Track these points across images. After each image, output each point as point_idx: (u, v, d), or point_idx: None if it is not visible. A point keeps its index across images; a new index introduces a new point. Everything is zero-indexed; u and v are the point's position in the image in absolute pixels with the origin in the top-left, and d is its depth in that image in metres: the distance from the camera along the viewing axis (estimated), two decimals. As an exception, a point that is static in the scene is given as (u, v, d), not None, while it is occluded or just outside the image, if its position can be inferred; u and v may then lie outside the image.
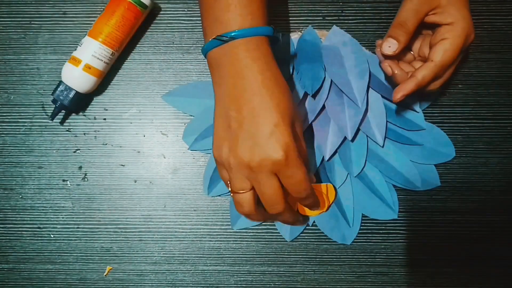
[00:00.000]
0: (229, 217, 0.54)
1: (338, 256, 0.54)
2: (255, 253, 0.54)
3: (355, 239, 0.54)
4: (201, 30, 0.55)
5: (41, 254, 0.54)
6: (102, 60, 0.51)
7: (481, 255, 0.54)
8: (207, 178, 0.54)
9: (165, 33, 0.56)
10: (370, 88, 0.52)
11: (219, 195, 0.54)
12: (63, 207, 0.54)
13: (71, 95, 0.51)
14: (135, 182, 0.54)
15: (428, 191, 0.54)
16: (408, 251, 0.54)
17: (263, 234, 0.54)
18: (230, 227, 0.54)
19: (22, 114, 0.55)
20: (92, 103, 0.55)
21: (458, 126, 0.54)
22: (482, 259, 0.54)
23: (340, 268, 0.54)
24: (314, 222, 0.53)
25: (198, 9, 0.56)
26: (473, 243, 0.54)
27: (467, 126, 0.54)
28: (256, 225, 0.54)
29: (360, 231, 0.54)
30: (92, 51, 0.51)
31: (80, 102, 0.53)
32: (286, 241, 0.54)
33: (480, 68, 0.55)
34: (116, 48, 0.52)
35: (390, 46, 0.47)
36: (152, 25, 0.56)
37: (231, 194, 0.43)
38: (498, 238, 0.54)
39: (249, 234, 0.54)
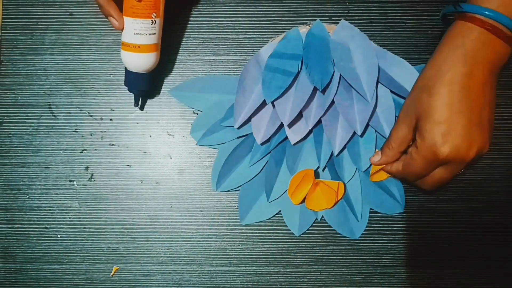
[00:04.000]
0: (235, 217, 0.54)
1: (344, 257, 0.54)
2: (261, 253, 0.54)
3: (361, 239, 0.54)
4: (207, 30, 0.55)
5: (48, 254, 0.54)
6: (146, 34, 0.48)
7: (488, 256, 0.54)
8: (215, 173, 0.54)
9: (171, 33, 0.56)
10: (379, 83, 0.52)
11: (228, 191, 0.54)
12: (69, 207, 0.54)
13: (140, 78, 0.50)
14: (142, 182, 0.55)
15: (434, 192, 0.54)
16: (415, 252, 0.54)
17: (270, 234, 0.54)
18: (236, 227, 0.54)
19: (29, 114, 0.55)
20: (98, 104, 0.55)
21: (465, 127, 0.54)
22: (489, 260, 0.54)
23: (347, 269, 0.54)
24: (322, 216, 0.53)
25: (205, 10, 0.56)
26: (480, 244, 0.54)
27: (474, 126, 0.54)
28: (265, 220, 0.54)
29: (366, 232, 0.54)
30: (132, 30, 0.48)
31: (153, 79, 0.52)
32: (293, 242, 0.54)
33: (487, 68, 0.54)
34: (153, 14, 0.48)
35: (377, 159, 0.50)
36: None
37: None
38: (505, 239, 0.54)
39: (256, 234, 0.54)
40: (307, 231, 0.54)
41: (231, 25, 0.56)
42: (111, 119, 0.55)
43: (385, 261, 0.54)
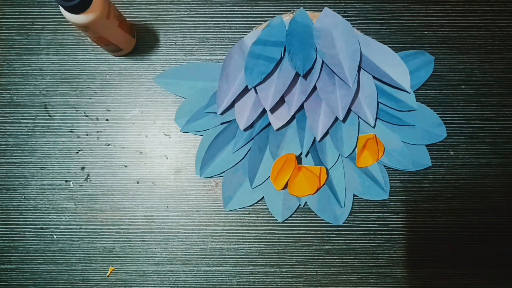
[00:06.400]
0: (232, 217, 0.54)
1: (340, 257, 0.54)
2: (257, 254, 0.54)
3: (357, 240, 0.54)
4: (203, 31, 0.55)
5: (44, 255, 0.54)
6: None
7: (484, 256, 0.54)
8: (199, 159, 0.54)
9: (167, 33, 0.56)
10: (361, 69, 0.53)
11: (211, 177, 0.54)
12: (65, 207, 0.54)
13: None
14: (138, 182, 0.54)
15: (431, 192, 0.54)
16: (411, 252, 0.54)
17: (266, 234, 0.54)
18: (233, 228, 0.54)
19: (25, 114, 0.55)
20: (94, 104, 0.55)
21: (461, 127, 0.54)
22: (483, 260, 0.54)
23: (343, 269, 0.54)
24: (306, 203, 0.54)
25: (200, 10, 0.56)
26: (475, 244, 0.54)
27: (470, 127, 0.54)
28: (248, 206, 0.54)
29: (362, 232, 0.54)
30: None
31: None
32: (289, 242, 0.54)
33: (483, 68, 0.55)
34: None
35: None
36: (154, 26, 0.56)
37: None
38: (500, 239, 0.54)
39: (252, 234, 0.54)
40: (301, 230, 0.54)
41: (228, 25, 0.56)
42: (107, 119, 0.55)
43: (381, 262, 0.54)
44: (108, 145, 0.55)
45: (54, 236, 0.54)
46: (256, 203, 0.54)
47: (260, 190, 0.54)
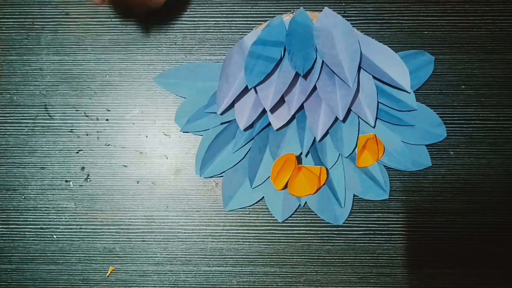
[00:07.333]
0: (232, 217, 0.54)
1: (340, 257, 0.54)
2: (257, 254, 0.54)
3: (357, 240, 0.54)
4: (203, 31, 0.55)
5: (44, 255, 0.54)
6: None
7: (484, 256, 0.54)
8: (199, 159, 0.54)
9: (167, 33, 0.56)
10: (361, 69, 0.53)
11: (211, 177, 0.54)
12: (65, 207, 0.54)
13: None
14: (138, 182, 0.54)
15: (431, 192, 0.54)
16: (411, 252, 0.54)
17: (266, 234, 0.54)
18: (233, 228, 0.54)
19: (25, 114, 0.55)
20: (94, 104, 0.55)
21: (461, 127, 0.54)
22: (485, 260, 0.54)
23: (343, 269, 0.54)
24: (306, 203, 0.54)
25: (201, 10, 0.56)
26: (475, 244, 0.54)
27: (470, 127, 0.54)
28: (248, 206, 0.54)
29: (362, 232, 0.54)
30: None
31: None
32: (289, 242, 0.54)
33: (483, 68, 0.55)
34: None
35: None
36: (154, 25, 0.56)
37: None
38: (500, 239, 0.54)
39: (252, 234, 0.54)
40: (301, 230, 0.54)
41: (228, 25, 0.56)
42: (107, 119, 0.55)
43: (381, 262, 0.54)
44: (108, 145, 0.55)
45: (54, 236, 0.54)
46: (256, 203, 0.54)
47: (260, 190, 0.54)
